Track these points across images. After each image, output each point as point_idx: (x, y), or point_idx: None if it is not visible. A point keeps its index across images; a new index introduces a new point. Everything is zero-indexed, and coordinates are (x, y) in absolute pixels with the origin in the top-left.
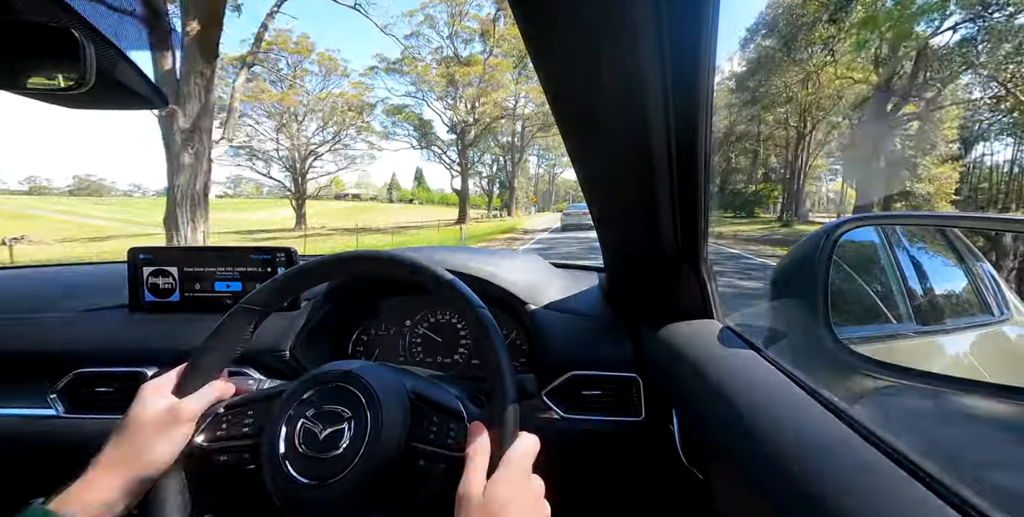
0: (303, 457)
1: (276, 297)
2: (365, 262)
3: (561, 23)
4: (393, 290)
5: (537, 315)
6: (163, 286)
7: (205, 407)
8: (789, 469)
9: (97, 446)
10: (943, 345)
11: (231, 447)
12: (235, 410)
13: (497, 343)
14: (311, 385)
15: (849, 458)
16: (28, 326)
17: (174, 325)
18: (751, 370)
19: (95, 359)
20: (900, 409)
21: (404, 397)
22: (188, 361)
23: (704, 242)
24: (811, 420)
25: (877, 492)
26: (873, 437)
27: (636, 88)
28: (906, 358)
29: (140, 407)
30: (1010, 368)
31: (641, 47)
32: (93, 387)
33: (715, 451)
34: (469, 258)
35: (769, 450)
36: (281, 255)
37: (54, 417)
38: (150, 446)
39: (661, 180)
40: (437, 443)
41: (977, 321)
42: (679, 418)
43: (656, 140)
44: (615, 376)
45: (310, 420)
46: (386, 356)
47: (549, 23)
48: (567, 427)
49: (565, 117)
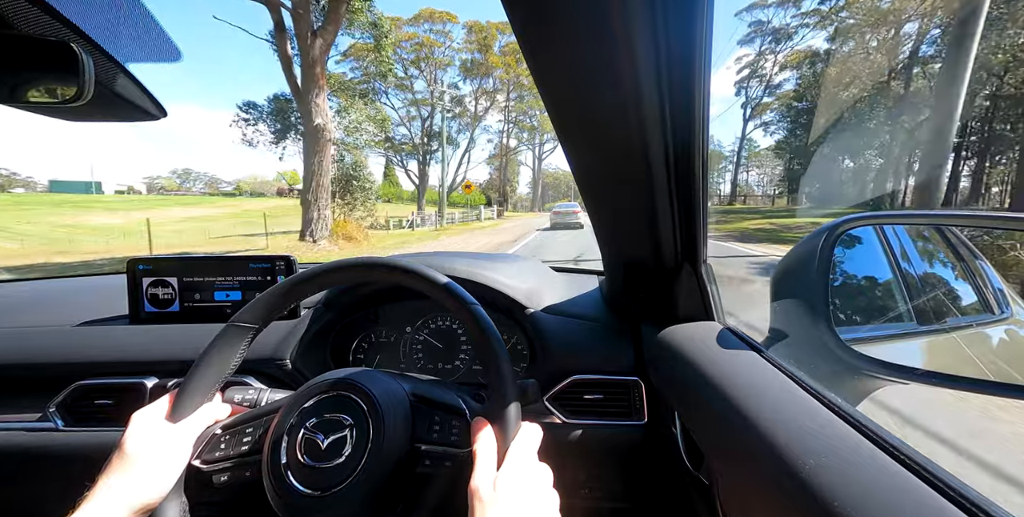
0: (305, 467)
1: (268, 312)
2: (360, 270)
3: (558, 29)
4: (393, 297)
5: (538, 319)
6: (163, 297)
7: (200, 430)
8: (793, 470)
9: (96, 467)
10: (944, 344)
11: (231, 466)
12: (233, 429)
13: (493, 339)
14: (311, 394)
15: (854, 458)
16: (28, 339)
17: (174, 335)
18: (752, 371)
19: (96, 371)
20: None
21: (404, 400)
22: (180, 385)
23: (703, 244)
24: (814, 421)
25: (883, 492)
26: (877, 437)
27: (633, 93)
28: (908, 357)
29: (133, 436)
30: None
31: (637, 53)
32: (93, 399)
33: (717, 453)
34: (468, 263)
35: (772, 451)
36: (281, 263)
37: (53, 430)
38: (146, 475)
39: (659, 184)
40: (441, 441)
41: (978, 320)
42: (681, 420)
43: (653, 144)
44: (617, 380)
45: (311, 430)
46: (387, 363)
47: (547, 30)
48: (570, 432)
49: (563, 122)
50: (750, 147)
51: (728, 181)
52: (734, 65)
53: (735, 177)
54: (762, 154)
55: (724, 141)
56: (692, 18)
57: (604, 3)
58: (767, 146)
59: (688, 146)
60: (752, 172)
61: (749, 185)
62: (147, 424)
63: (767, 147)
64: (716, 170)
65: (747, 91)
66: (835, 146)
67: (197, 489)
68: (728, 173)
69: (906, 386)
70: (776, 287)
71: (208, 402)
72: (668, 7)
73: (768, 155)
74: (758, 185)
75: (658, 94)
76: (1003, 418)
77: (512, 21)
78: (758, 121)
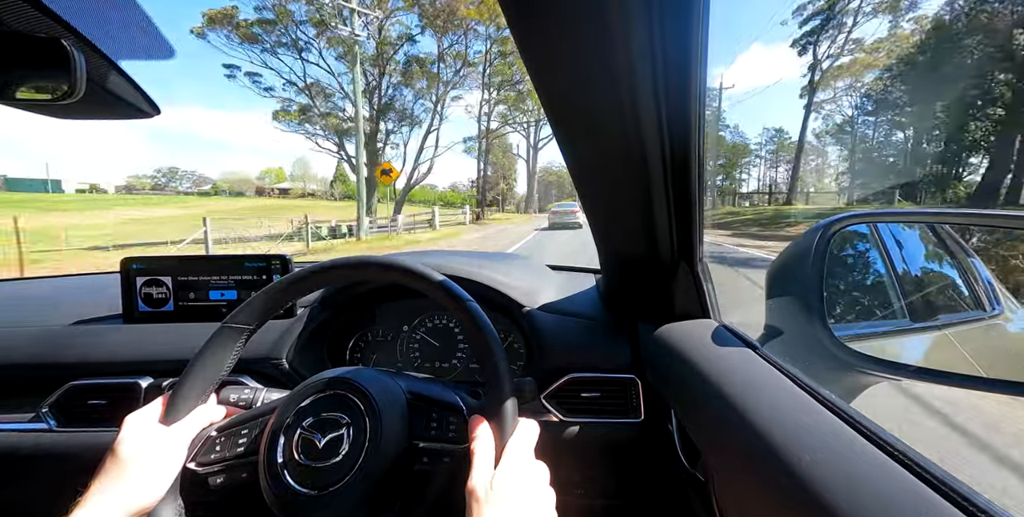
0: (302, 466)
1: (262, 312)
2: (356, 268)
3: (555, 30)
4: (390, 295)
5: (535, 317)
6: (157, 296)
7: (195, 433)
8: (788, 466)
9: (89, 469)
10: (937, 341)
11: (227, 467)
12: (228, 431)
13: (490, 336)
14: (308, 393)
15: (848, 454)
16: (20, 338)
17: (169, 334)
18: (748, 369)
19: (89, 371)
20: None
21: (401, 397)
22: (174, 387)
23: (699, 242)
24: (809, 417)
25: (876, 486)
26: (871, 433)
27: (628, 88)
28: (901, 354)
29: (125, 439)
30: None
31: (633, 48)
32: (87, 399)
33: (713, 450)
34: (465, 262)
35: (767, 448)
36: (276, 263)
37: (47, 431)
38: (140, 479)
39: (656, 182)
40: (439, 438)
41: (969, 316)
42: (677, 418)
43: (650, 141)
44: (614, 377)
45: (308, 429)
46: (384, 362)
47: (544, 30)
48: (566, 429)
49: (561, 121)
50: (780, 139)
51: (755, 177)
52: (792, 19)
53: (797, 164)
54: (824, 137)
55: (749, 133)
56: (688, 14)
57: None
58: (833, 127)
59: (685, 144)
60: (780, 168)
61: (776, 182)
62: (140, 427)
63: (834, 127)
64: (739, 166)
65: (815, 48)
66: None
67: (193, 491)
68: (755, 168)
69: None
70: (771, 284)
71: (202, 404)
72: (664, 3)
73: (833, 140)
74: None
75: (654, 90)
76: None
77: (507, 14)
78: (827, 94)
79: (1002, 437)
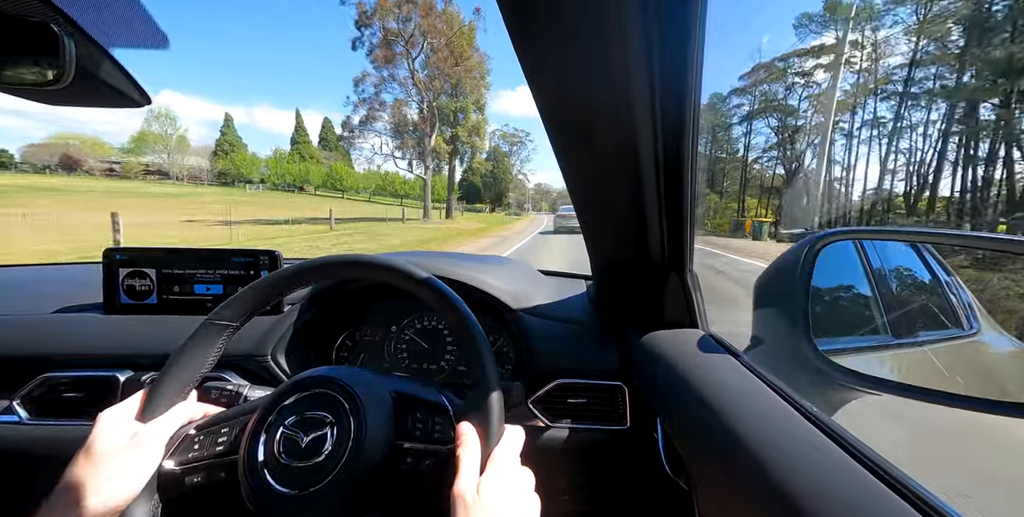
0: (284, 466)
1: (248, 309)
2: (343, 267)
3: (553, 38)
4: (379, 295)
5: (524, 321)
6: (140, 288)
7: (172, 431)
8: (768, 477)
9: (62, 464)
10: (917, 357)
11: (205, 466)
12: (208, 429)
13: (477, 336)
14: (291, 392)
15: (827, 465)
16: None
17: (150, 327)
18: (732, 379)
19: (65, 363)
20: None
21: (386, 397)
22: (153, 382)
23: (689, 252)
24: (789, 428)
25: (846, 495)
26: (848, 445)
27: (625, 102)
28: (882, 369)
29: (99, 436)
30: (979, 380)
31: (630, 62)
32: (61, 392)
33: (696, 458)
34: (454, 263)
35: (749, 457)
36: (264, 258)
37: (16, 423)
38: (113, 477)
39: (649, 192)
40: (424, 438)
41: (948, 334)
42: (663, 426)
43: (644, 153)
44: (601, 384)
45: (291, 428)
46: (371, 362)
47: (541, 38)
48: (553, 435)
49: (556, 129)
50: None
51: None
52: None
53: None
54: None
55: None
56: (685, 26)
57: (597, 5)
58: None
59: (678, 154)
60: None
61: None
62: (116, 423)
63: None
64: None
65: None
66: None
67: (169, 490)
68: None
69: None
70: (759, 296)
71: (182, 401)
72: (661, 11)
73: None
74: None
75: (650, 99)
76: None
77: (505, 19)
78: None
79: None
